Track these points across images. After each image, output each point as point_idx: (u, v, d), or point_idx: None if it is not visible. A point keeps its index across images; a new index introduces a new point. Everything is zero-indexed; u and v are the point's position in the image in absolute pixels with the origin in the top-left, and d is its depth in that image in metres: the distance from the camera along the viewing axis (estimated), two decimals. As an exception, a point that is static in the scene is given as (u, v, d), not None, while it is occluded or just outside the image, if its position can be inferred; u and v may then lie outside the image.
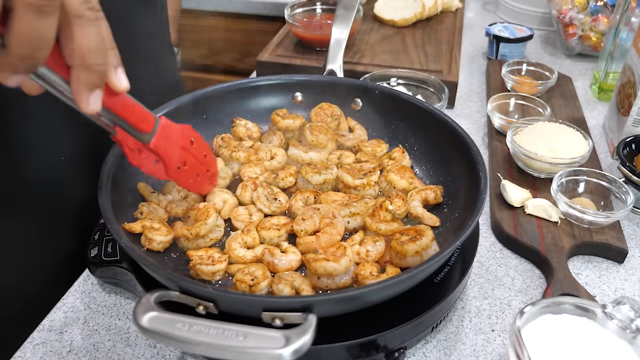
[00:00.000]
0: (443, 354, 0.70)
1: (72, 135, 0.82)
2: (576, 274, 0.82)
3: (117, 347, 0.70)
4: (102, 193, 0.69)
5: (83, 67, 0.48)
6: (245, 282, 0.64)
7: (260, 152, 0.88)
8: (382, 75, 1.17)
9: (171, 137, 0.66)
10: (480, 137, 1.15)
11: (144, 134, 0.62)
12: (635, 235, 0.89)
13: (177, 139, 0.67)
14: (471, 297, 0.78)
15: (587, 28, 1.43)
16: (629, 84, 1.04)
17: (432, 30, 1.46)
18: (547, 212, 0.87)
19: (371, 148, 0.89)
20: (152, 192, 0.80)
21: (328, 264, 0.64)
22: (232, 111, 0.94)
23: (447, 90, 1.10)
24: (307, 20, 1.40)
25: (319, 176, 0.80)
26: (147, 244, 0.71)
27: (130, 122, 0.59)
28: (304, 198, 0.79)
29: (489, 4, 1.88)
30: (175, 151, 0.67)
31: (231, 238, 0.73)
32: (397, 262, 0.70)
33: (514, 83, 1.23)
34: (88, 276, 0.79)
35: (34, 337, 0.71)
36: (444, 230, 0.76)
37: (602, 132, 1.18)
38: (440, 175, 0.85)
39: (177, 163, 0.68)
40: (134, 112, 0.59)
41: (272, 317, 0.55)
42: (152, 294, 0.57)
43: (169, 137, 0.65)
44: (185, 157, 0.70)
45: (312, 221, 0.73)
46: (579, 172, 0.92)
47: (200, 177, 0.74)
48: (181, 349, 0.67)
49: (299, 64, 1.28)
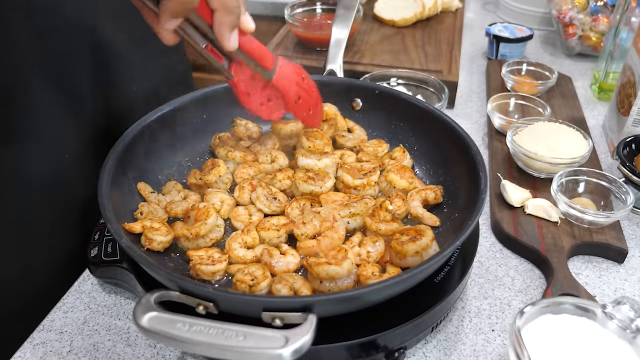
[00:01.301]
0: (443, 354, 0.70)
1: (75, 133, 0.82)
2: (576, 274, 0.82)
3: (117, 347, 0.70)
4: (101, 193, 0.68)
5: (225, 10, 0.59)
6: (245, 282, 0.64)
7: (260, 155, 0.88)
8: (382, 75, 1.17)
9: (288, 74, 0.74)
10: (480, 137, 1.15)
11: (267, 71, 0.71)
12: (635, 235, 0.89)
13: (293, 76, 0.75)
14: (471, 297, 0.78)
15: (587, 28, 1.43)
16: (629, 84, 1.04)
17: (432, 30, 1.46)
18: (547, 212, 0.87)
19: (373, 148, 0.89)
20: (152, 192, 0.80)
21: (330, 268, 0.64)
22: (232, 111, 0.94)
23: (447, 90, 1.10)
24: (307, 20, 1.40)
25: (306, 187, 0.80)
26: (147, 244, 0.71)
27: (257, 60, 0.68)
28: (300, 206, 0.79)
29: (489, 4, 1.88)
30: (292, 87, 0.75)
31: (231, 238, 0.73)
32: (397, 262, 0.70)
33: (514, 83, 1.23)
34: (88, 276, 0.79)
35: (34, 337, 0.71)
36: (444, 230, 0.76)
37: (602, 132, 1.18)
38: (440, 175, 0.85)
39: (294, 97, 0.75)
40: (260, 51, 0.68)
41: (272, 317, 0.55)
42: (152, 294, 0.57)
43: (286, 74, 0.73)
44: (300, 92, 0.76)
45: (312, 225, 0.73)
46: (579, 172, 0.92)
47: (312, 111, 0.80)
48: (181, 349, 0.67)
49: (299, 64, 1.28)
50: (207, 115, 0.92)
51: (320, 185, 0.80)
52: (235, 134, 0.93)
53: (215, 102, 0.92)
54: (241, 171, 0.85)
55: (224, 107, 0.94)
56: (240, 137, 0.92)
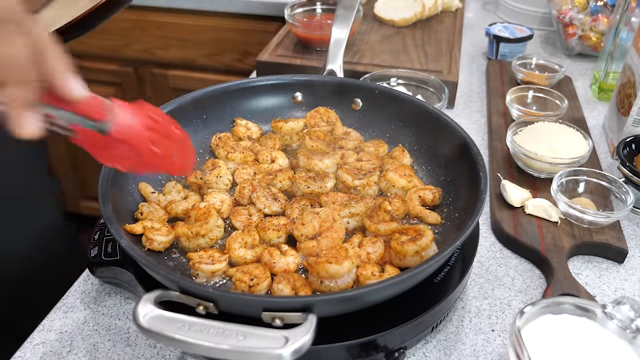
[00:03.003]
0: (443, 354, 0.70)
1: None
2: (576, 274, 0.82)
3: (117, 347, 0.70)
4: (102, 193, 0.69)
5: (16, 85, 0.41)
6: (245, 281, 0.64)
7: (260, 156, 0.88)
8: (382, 75, 1.17)
9: (131, 119, 0.59)
10: (480, 137, 1.15)
11: (103, 122, 0.56)
12: (635, 235, 0.89)
13: (138, 120, 0.61)
14: (471, 297, 0.78)
15: (587, 28, 1.43)
16: (629, 84, 1.04)
17: (432, 30, 1.46)
18: (547, 212, 0.87)
19: (374, 148, 0.89)
20: (152, 192, 0.80)
21: (331, 266, 0.64)
22: (232, 111, 0.95)
23: (447, 90, 1.10)
24: (307, 20, 1.40)
25: (307, 187, 0.80)
26: (148, 244, 0.71)
27: (84, 115, 0.54)
28: (300, 207, 0.79)
29: (489, 4, 1.88)
30: (140, 132, 0.60)
31: (231, 238, 0.73)
32: (396, 262, 0.70)
33: (523, 75, 1.25)
34: (88, 276, 0.79)
35: (34, 337, 0.71)
36: (444, 230, 0.76)
37: (602, 132, 1.18)
38: (440, 176, 0.85)
39: (146, 146, 0.61)
40: (86, 104, 0.53)
41: (272, 317, 0.55)
42: (152, 294, 0.57)
43: (129, 119, 0.59)
44: (152, 137, 0.62)
45: (311, 225, 0.73)
46: (579, 172, 0.92)
47: (178, 158, 0.67)
48: (181, 349, 0.67)
49: (299, 64, 1.28)
50: (207, 115, 0.92)
51: (321, 185, 0.80)
52: (235, 134, 0.93)
53: (215, 102, 0.92)
54: (241, 171, 0.85)
55: (224, 107, 0.94)
56: (240, 137, 0.92)
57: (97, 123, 0.56)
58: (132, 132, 0.59)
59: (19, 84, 0.41)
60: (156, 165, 0.64)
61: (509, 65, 1.35)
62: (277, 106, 0.97)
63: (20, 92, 0.42)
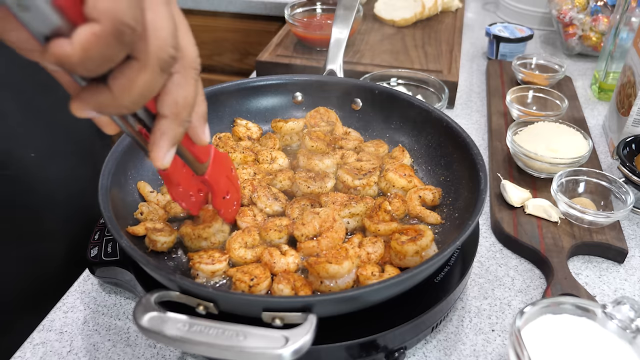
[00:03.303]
0: (443, 354, 0.70)
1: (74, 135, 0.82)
2: (576, 274, 0.82)
3: (117, 347, 0.70)
4: (102, 194, 0.68)
5: (174, 119, 0.45)
6: (245, 281, 0.64)
7: (260, 155, 0.88)
8: (382, 75, 1.17)
9: (219, 167, 0.64)
10: (480, 137, 1.15)
11: (201, 164, 0.60)
12: (635, 235, 0.89)
13: (224, 169, 0.66)
14: (471, 297, 0.78)
15: (587, 28, 1.43)
16: (629, 84, 1.04)
17: (432, 30, 1.46)
18: (547, 212, 0.87)
19: (374, 148, 0.89)
20: (152, 192, 0.80)
21: (331, 266, 0.64)
22: (232, 111, 0.95)
23: (447, 90, 1.10)
24: (307, 20, 1.40)
25: (307, 187, 0.80)
26: (151, 245, 0.71)
27: (194, 155, 0.57)
28: (301, 207, 0.79)
29: (489, 4, 1.88)
30: (223, 181, 0.66)
31: (231, 238, 0.73)
32: (396, 262, 0.70)
33: (523, 76, 1.25)
34: (88, 276, 0.79)
35: (34, 337, 0.71)
36: (444, 230, 0.76)
37: (602, 132, 1.18)
38: (440, 176, 0.85)
39: (223, 193, 0.67)
40: (199, 147, 0.57)
41: (272, 317, 0.55)
42: (152, 294, 0.57)
43: (218, 166, 0.63)
44: (229, 187, 0.68)
45: (311, 225, 0.73)
46: (579, 172, 0.92)
47: (235, 206, 0.74)
48: (181, 349, 0.67)
49: (299, 64, 1.28)
50: (207, 115, 0.92)
51: (321, 185, 0.80)
52: (235, 134, 0.93)
53: (215, 102, 0.92)
54: (241, 171, 0.85)
55: (224, 107, 0.94)
56: (240, 137, 0.92)
57: (197, 164, 0.59)
58: (219, 178, 0.64)
59: (183, 122, 0.45)
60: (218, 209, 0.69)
61: (509, 65, 1.35)
62: (277, 106, 0.97)
63: (180, 129, 0.46)
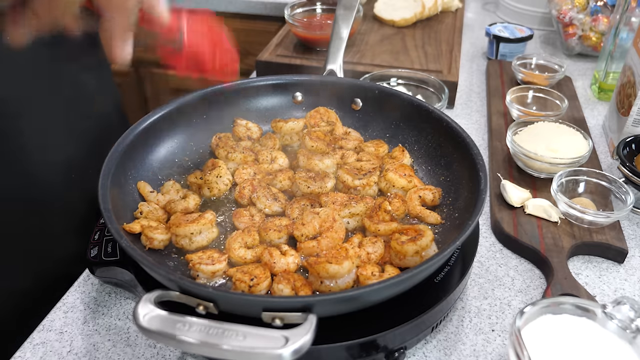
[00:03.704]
0: (443, 354, 0.70)
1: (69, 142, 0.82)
2: (576, 274, 0.82)
3: (117, 347, 0.70)
4: (102, 193, 0.68)
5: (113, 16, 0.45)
6: (245, 281, 0.64)
7: (260, 155, 0.88)
8: (382, 75, 1.17)
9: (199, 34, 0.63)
10: (480, 137, 1.15)
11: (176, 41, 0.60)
12: (635, 235, 0.89)
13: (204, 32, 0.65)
14: (471, 297, 0.78)
15: (587, 28, 1.43)
16: (629, 84, 1.04)
17: (432, 30, 1.46)
18: (547, 212, 0.87)
19: (374, 148, 0.89)
20: (151, 192, 0.80)
21: (331, 266, 0.64)
22: (232, 111, 0.94)
23: (447, 90, 1.10)
24: (307, 20, 1.40)
25: (307, 187, 0.80)
26: (148, 243, 0.71)
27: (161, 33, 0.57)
28: (301, 207, 0.79)
29: (489, 4, 1.88)
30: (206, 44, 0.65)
31: (231, 238, 0.73)
32: (396, 262, 0.70)
33: (523, 76, 1.25)
34: (88, 276, 0.79)
35: (34, 337, 0.71)
36: (444, 230, 0.76)
37: (602, 132, 1.18)
38: (440, 176, 0.85)
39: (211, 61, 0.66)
40: None
41: (272, 317, 0.55)
42: (152, 294, 0.57)
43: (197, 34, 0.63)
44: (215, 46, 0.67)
45: (311, 225, 0.73)
46: (579, 172, 0.92)
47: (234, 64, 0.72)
48: (181, 349, 0.67)
49: (299, 64, 1.28)
50: (207, 115, 0.92)
51: (321, 185, 0.80)
52: (235, 134, 0.93)
53: (215, 102, 0.92)
54: (241, 171, 0.85)
55: (224, 107, 0.94)
56: (240, 137, 0.92)
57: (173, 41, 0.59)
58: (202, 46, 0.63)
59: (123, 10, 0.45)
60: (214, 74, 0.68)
61: (509, 65, 1.35)
62: (277, 106, 0.97)
63: (122, 18, 0.45)
